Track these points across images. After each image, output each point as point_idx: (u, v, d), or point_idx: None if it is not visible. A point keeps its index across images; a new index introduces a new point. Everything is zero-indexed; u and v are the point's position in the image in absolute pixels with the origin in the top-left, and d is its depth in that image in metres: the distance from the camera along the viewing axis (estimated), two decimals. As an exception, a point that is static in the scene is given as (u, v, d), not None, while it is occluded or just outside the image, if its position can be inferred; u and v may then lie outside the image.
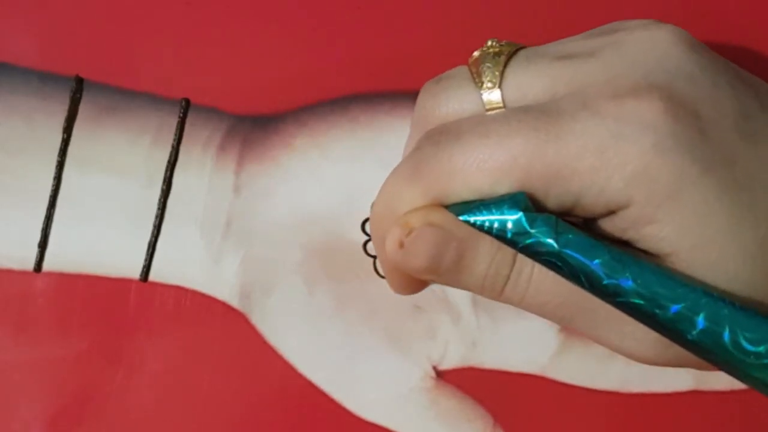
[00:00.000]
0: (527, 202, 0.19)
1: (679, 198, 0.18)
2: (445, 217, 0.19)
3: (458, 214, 0.19)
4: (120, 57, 0.29)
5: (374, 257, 0.28)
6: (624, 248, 0.19)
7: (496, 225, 0.19)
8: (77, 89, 0.29)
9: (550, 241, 0.18)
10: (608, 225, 0.19)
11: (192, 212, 0.28)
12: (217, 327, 0.28)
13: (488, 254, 0.20)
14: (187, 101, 0.29)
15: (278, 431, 0.27)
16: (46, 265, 0.28)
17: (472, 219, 0.19)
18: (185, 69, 0.29)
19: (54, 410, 0.27)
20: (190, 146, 0.29)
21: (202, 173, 0.28)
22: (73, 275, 0.28)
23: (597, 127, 0.18)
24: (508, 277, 0.20)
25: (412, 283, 0.22)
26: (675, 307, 0.18)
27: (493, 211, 0.19)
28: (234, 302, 0.28)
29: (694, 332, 0.17)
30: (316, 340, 0.28)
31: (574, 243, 0.18)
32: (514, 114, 0.19)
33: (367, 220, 0.29)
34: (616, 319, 0.19)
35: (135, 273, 0.28)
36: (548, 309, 0.20)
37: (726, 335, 0.17)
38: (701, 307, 0.17)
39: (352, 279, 0.28)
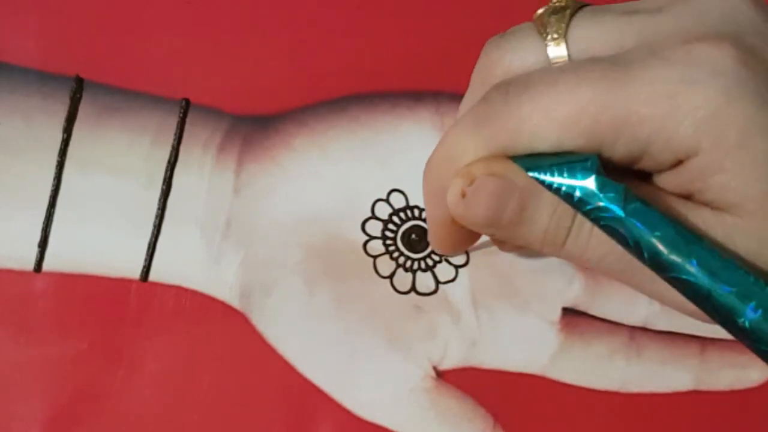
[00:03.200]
0: (599, 165, 0.18)
1: (749, 146, 0.18)
2: (507, 167, 0.19)
3: (526, 169, 0.19)
4: (120, 57, 0.29)
5: (374, 257, 0.28)
6: (687, 202, 0.19)
7: (564, 187, 0.19)
8: (77, 89, 0.29)
9: (617, 207, 0.18)
10: (674, 178, 0.19)
11: (192, 212, 0.28)
12: (217, 327, 0.28)
13: (550, 206, 0.19)
14: (187, 101, 0.29)
15: (278, 431, 0.27)
16: (46, 265, 0.28)
17: (540, 177, 0.19)
18: (185, 69, 0.29)
19: (54, 410, 0.27)
20: (190, 146, 0.29)
21: (202, 173, 0.28)
22: (73, 275, 0.28)
23: (667, 73, 0.18)
24: (570, 230, 0.20)
25: (459, 240, 0.22)
26: (727, 289, 0.17)
27: (565, 173, 0.19)
28: (234, 302, 0.28)
29: (745, 319, 0.17)
30: (316, 340, 0.28)
31: (640, 213, 0.18)
32: (582, 64, 0.19)
33: (367, 220, 0.29)
34: None
35: (135, 273, 0.28)
36: (609, 262, 0.20)
37: None
38: (754, 294, 0.17)
39: (352, 279, 0.28)
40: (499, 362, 0.28)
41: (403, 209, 0.29)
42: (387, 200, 0.29)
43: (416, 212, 0.29)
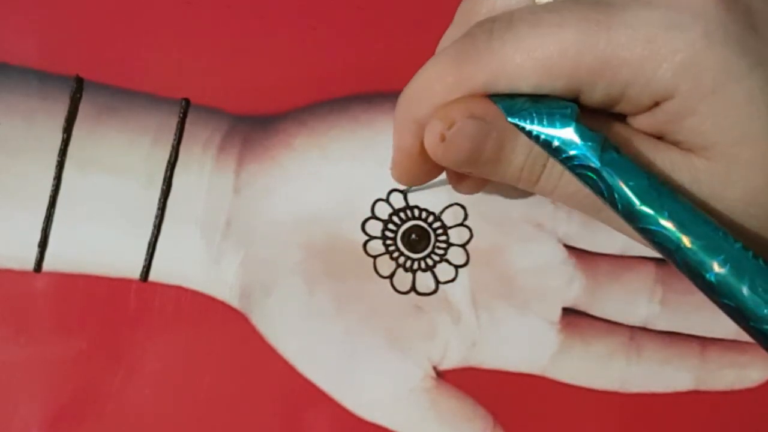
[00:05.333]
0: (578, 114, 0.19)
1: (724, 91, 0.18)
2: (487, 109, 0.19)
3: (505, 112, 0.19)
4: (120, 57, 0.29)
5: (374, 257, 0.28)
6: (658, 143, 0.19)
7: (543, 135, 0.19)
8: (77, 89, 0.29)
9: (593, 157, 0.18)
10: (648, 119, 0.19)
11: (192, 212, 0.28)
12: (217, 327, 0.28)
13: (527, 145, 0.20)
14: (187, 101, 0.29)
15: (278, 431, 0.27)
16: (46, 265, 0.28)
17: (520, 124, 0.19)
18: (185, 69, 0.29)
19: (54, 410, 0.27)
20: (190, 146, 0.29)
21: (202, 173, 0.28)
22: (73, 275, 0.28)
23: (648, 17, 0.18)
24: (545, 167, 0.20)
25: (423, 172, 0.22)
26: (698, 244, 0.18)
27: (544, 121, 0.19)
28: (234, 302, 0.28)
29: (711, 273, 0.18)
30: (316, 340, 0.28)
31: (616, 163, 0.18)
32: (565, 5, 0.19)
33: (367, 220, 0.29)
34: None
35: (135, 273, 0.28)
36: (578, 198, 0.20)
37: (746, 283, 0.17)
38: (723, 249, 0.17)
39: (352, 279, 0.28)
40: (499, 362, 0.28)
41: (403, 209, 0.29)
42: (387, 200, 0.29)
43: (416, 212, 0.29)
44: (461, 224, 0.29)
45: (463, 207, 0.29)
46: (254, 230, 0.28)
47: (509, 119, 0.19)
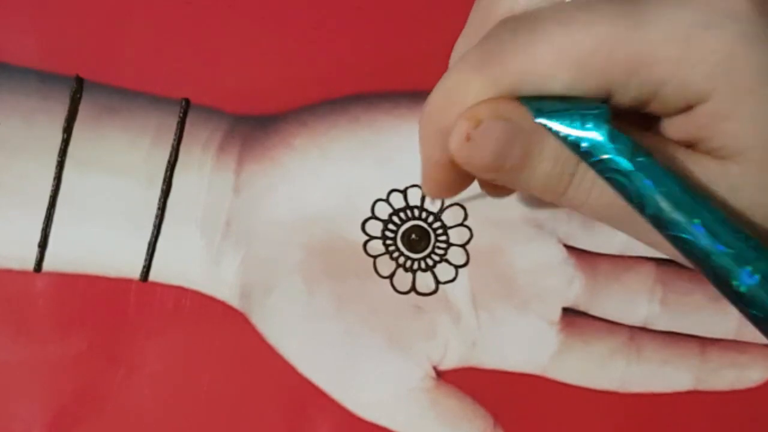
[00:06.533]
0: (610, 116, 0.18)
1: (762, 93, 0.17)
2: (515, 110, 0.19)
3: (533, 114, 0.18)
4: (120, 57, 0.29)
5: (374, 257, 0.28)
6: (691, 152, 0.19)
7: (572, 137, 0.18)
8: (77, 89, 0.29)
9: (625, 160, 0.18)
10: (681, 124, 0.19)
11: (192, 212, 0.28)
12: (217, 327, 0.28)
13: (555, 151, 0.19)
14: (187, 101, 0.29)
15: (278, 431, 0.27)
16: (46, 265, 0.28)
17: (548, 125, 0.18)
18: (185, 69, 0.29)
19: (54, 410, 0.27)
20: (190, 146, 0.29)
21: (202, 173, 0.28)
22: (73, 275, 0.28)
23: (684, 16, 0.18)
24: (573, 178, 0.19)
25: (454, 183, 0.21)
26: (728, 253, 0.17)
27: (576, 122, 0.18)
28: (234, 302, 0.28)
29: (740, 283, 0.17)
30: (316, 340, 0.28)
31: (647, 167, 0.18)
32: (594, 2, 0.18)
33: (367, 220, 0.29)
34: None
35: (135, 273, 0.28)
36: (612, 212, 0.19)
37: None
38: (753, 259, 0.17)
39: (352, 279, 0.28)
40: (499, 362, 0.28)
41: (403, 209, 0.29)
42: (387, 200, 0.29)
43: (416, 212, 0.29)
44: (461, 224, 0.29)
45: (463, 207, 0.29)
46: (254, 230, 0.28)
47: (537, 120, 0.18)
